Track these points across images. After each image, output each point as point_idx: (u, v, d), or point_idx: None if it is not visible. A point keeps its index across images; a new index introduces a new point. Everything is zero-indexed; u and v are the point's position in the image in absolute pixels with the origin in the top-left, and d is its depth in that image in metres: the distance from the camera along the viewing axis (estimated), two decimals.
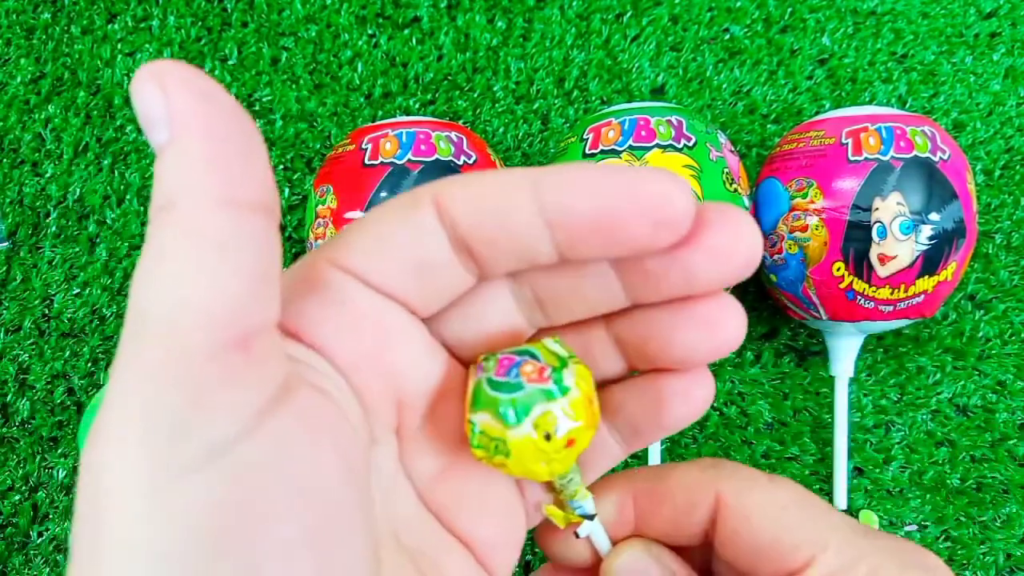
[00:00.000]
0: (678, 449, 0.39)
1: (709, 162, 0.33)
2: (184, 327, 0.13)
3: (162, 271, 0.13)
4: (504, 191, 0.16)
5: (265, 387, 0.14)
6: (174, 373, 0.12)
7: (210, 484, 0.13)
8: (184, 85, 0.13)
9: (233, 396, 0.13)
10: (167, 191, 0.13)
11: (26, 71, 0.42)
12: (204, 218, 0.13)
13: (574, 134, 0.35)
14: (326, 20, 0.43)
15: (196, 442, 0.12)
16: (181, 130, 0.13)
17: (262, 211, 0.14)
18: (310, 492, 0.14)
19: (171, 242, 0.13)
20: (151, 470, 0.12)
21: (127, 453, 0.12)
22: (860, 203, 0.32)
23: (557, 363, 0.17)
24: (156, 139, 0.13)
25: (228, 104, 0.14)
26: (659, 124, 0.33)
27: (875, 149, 0.33)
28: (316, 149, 0.42)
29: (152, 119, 0.13)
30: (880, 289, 0.33)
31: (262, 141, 0.14)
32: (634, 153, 0.32)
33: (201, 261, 0.13)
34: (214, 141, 0.13)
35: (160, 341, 0.13)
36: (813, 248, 0.33)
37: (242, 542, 0.13)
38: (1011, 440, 0.39)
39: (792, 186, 0.34)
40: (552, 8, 0.43)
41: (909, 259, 0.32)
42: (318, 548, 0.14)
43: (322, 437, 0.15)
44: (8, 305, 0.40)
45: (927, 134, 0.33)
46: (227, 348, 0.13)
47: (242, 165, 0.14)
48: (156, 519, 0.12)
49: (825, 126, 0.34)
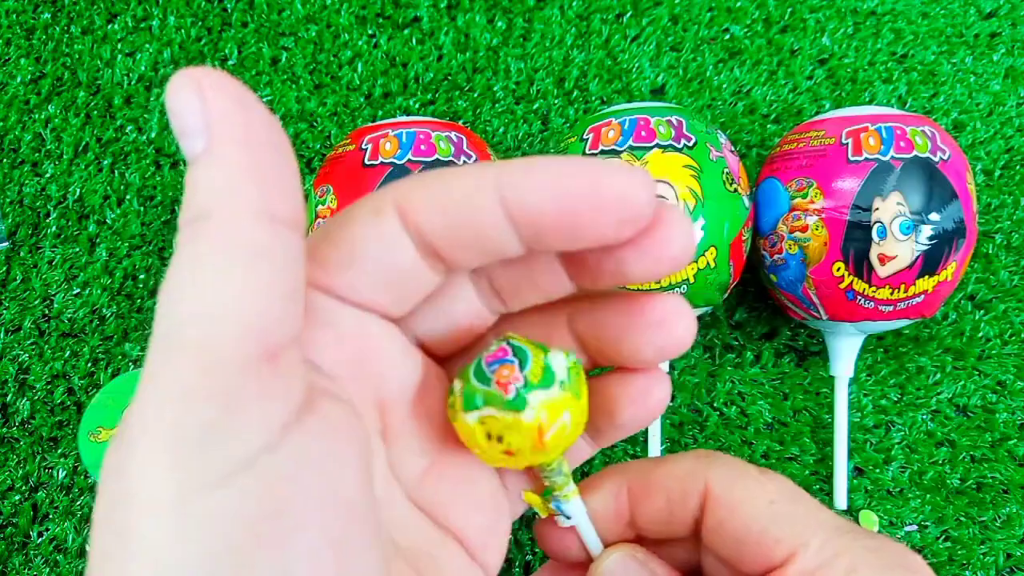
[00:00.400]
0: (678, 449, 0.39)
1: (709, 162, 0.33)
2: (218, 338, 0.13)
3: (197, 281, 0.13)
4: (467, 194, 0.16)
5: (291, 399, 0.14)
6: (206, 384, 0.12)
7: (238, 496, 0.13)
8: (222, 92, 0.13)
9: (262, 409, 0.13)
10: (202, 201, 0.13)
11: (26, 71, 0.42)
12: (242, 229, 0.13)
13: (574, 134, 0.35)
14: (326, 20, 0.43)
15: (225, 454, 0.12)
16: (219, 139, 0.13)
17: (295, 227, 0.14)
18: (334, 501, 0.14)
19: (207, 253, 0.13)
20: (180, 481, 0.12)
21: (157, 462, 0.12)
22: (860, 203, 0.32)
23: (536, 349, 0.18)
24: (191, 147, 0.13)
25: (264, 114, 0.13)
26: (659, 124, 0.33)
27: (875, 149, 0.33)
28: (316, 149, 0.42)
29: (188, 127, 0.13)
30: (880, 289, 0.33)
31: (294, 156, 0.14)
32: (634, 153, 0.32)
33: (237, 273, 0.13)
34: (252, 151, 0.13)
35: (193, 352, 0.13)
36: (813, 248, 0.33)
37: (268, 552, 0.13)
38: (1011, 440, 0.39)
39: (792, 186, 0.34)
40: (552, 8, 0.43)
41: (909, 259, 0.32)
42: (341, 556, 0.14)
43: (344, 447, 0.15)
44: (8, 305, 0.40)
45: (927, 134, 0.33)
46: (259, 361, 0.13)
47: (279, 178, 0.13)
48: (184, 530, 0.12)
49: (825, 126, 0.34)
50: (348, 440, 0.15)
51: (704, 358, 0.40)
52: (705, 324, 0.40)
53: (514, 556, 0.37)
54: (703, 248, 0.32)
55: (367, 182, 0.32)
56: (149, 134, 0.41)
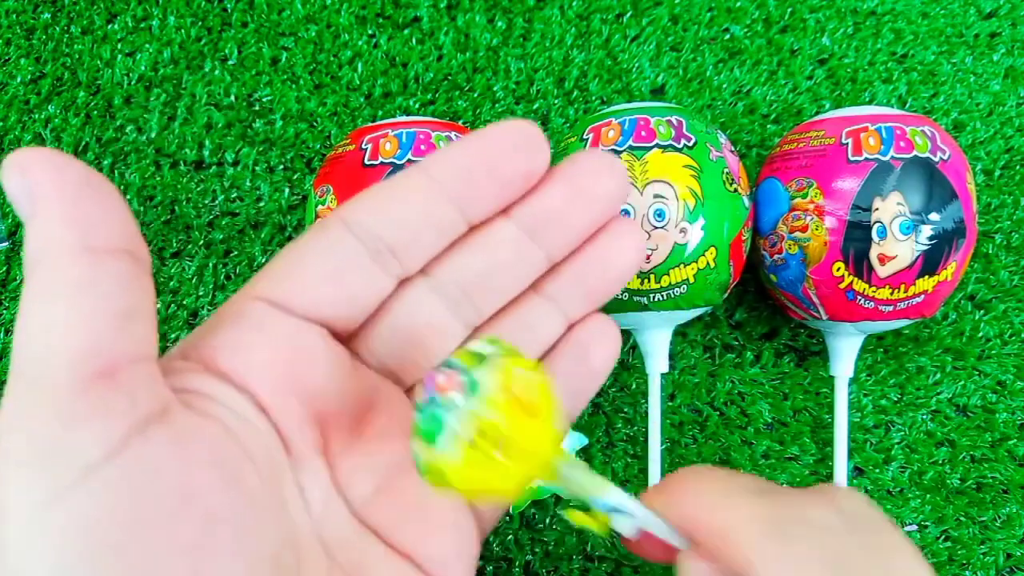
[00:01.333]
0: (679, 449, 0.39)
1: (709, 162, 0.33)
2: (50, 367, 0.14)
3: (30, 320, 0.15)
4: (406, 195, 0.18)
5: (135, 412, 0.15)
6: (45, 407, 0.14)
7: (86, 505, 0.14)
8: (41, 165, 0.15)
9: (101, 423, 0.14)
10: (32, 252, 0.15)
11: (26, 71, 0.42)
12: (62, 266, 0.15)
13: (574, 134, 0.35)
14: (326, 20, 0.43)
15: (67, 465, 0.14)
16: (40, 202, 0.15)
17: (123, 255, 0.15)
18: (186, 509, 0.15)
19: (35, 292, 0.15)
20: (32, 495, 0.14)
21: (12, 476, 0.14)
22: (860, 203, 0.32)
23: (473, 362, 0.16)
24: (24, 214, 0.15)
25: (80, 170, 0.15)
26: (659, 124, 0.33)
27: (875, 149, 0.33)
28: (316, 149, 0.42)
29: (18, 200, 0.15)
30: (880, 289, 0.33)
31: (119, 197, 0.16)
32: (634, 153, 0.32)
33: (60, 306, 0.15)
34: (67, 202, 0.15)
35: (32, 381, 0.14)
36: (813, 248, 0.33)
37: (119, 559, 0.14)
38: (1011, 440, 0.39)
39: (792, 186, 0.34)
40: (552, 8, 0.43)
41: (909, 259, 0.32)
42: (197, 563, 0.15)
43: (199, 456, 0.16)
44: (8, 305, 0.40)
45: (927, 134, 0.33)
46: (93, 380, 0.14)
47: (99, 217, 0.15)
48: (38, 541, 0.14)
49: (825, 126, 0.34)
50: (206, 450, 0.16)
51: (704, 358, 0.40)
52: (705, 324, 0.40)
53: (514, 556, 0.37)
54: (703, 248, 0.32)
55: (367, 182, 0.32)
56: (149, 134, 0.42)
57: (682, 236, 0.32)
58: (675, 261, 0.32)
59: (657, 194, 0.32)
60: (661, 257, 0.32)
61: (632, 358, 0.39)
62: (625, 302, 0.33)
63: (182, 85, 0.42)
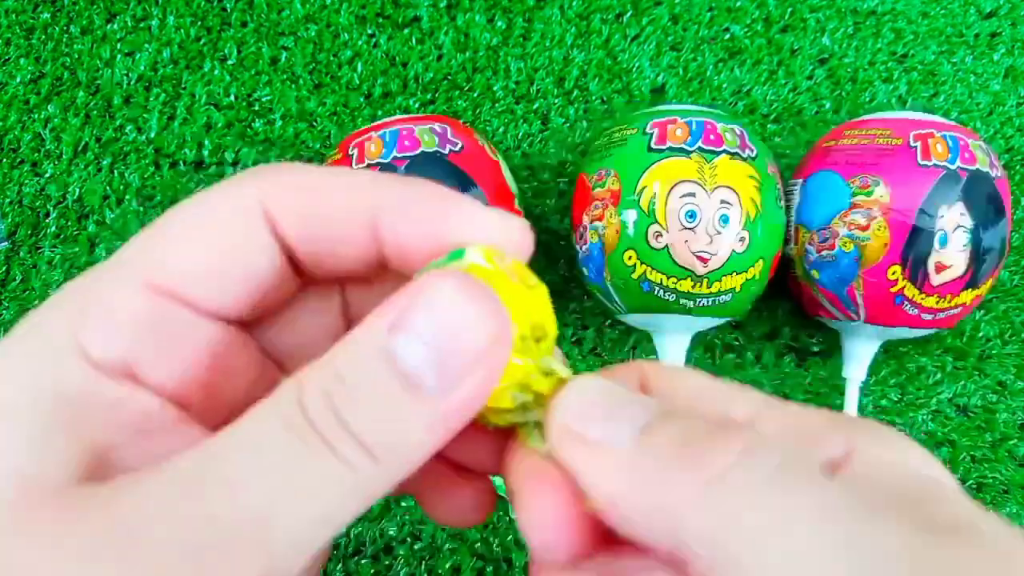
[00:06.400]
0: None
1: (767, 175, 0.33)
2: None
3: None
4: (340, 208, 0.17)
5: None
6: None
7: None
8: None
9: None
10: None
11: (26, 71, 0.42)
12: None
13: (630, 125, 0.34)
14: (326, 20, 0.43)
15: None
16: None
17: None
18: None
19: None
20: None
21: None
22: (927, 209, 0.32)
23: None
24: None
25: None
26: (725, 131, 0.33)
27: (943, 157, 0.32)
28: (316, 149, 0.42)
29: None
30: (929, 297, 0.32)
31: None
32: (704, 155, 0.32)
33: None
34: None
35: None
36: (871, 248, 0.33)
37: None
38: (1011, 440, 0.39)
39: (856, 182, 0.33)
40: (552, 8, 0.43)
41: (962, 270, 0.32)
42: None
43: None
44: (8, 305, 0.40)
45: (983, 148, 0.33)
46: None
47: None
48: None
49: (890, 126, 0.34)
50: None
51: (705, 358, 0.40)
52: None
53: (514, 556, 0.37)
54: (752, 260, 0.32)
55: None
56: (149, 134, 0.41)
57: (741, 244, 0.32)
58: (730, 268, 0.32)
59: (724, 200, 0.32)
60: (719, 262, 0.32)
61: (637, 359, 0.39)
62: (670, 303, 0.33)
63: (181, 85, 0.42)
